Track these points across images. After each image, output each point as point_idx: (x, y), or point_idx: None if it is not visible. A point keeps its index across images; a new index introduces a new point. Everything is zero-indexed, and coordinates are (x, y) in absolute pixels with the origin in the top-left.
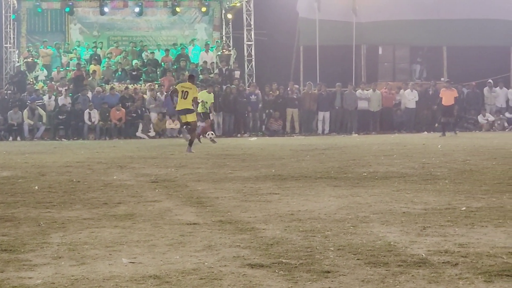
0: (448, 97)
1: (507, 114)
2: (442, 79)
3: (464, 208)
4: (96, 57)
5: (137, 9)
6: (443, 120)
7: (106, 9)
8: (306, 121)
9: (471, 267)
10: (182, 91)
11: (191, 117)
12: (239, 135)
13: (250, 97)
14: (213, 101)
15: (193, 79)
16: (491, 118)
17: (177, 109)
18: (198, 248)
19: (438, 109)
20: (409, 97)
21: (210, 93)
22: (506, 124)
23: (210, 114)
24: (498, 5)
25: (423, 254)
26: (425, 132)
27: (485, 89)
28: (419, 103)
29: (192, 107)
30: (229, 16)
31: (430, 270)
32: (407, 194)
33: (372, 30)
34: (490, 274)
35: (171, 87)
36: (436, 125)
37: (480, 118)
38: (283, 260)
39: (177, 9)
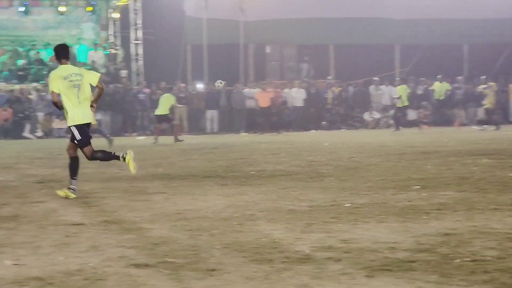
0: (263, 98)
1: (392, 112)
2: (328, 77)
3: (348, 204)
4: None
5: (22, 8)
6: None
7: None
8: (195, 120)
9: (354, 262)
10: None
11: None
12: (127, 134)
13: (139, 96)
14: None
15: None
16: (377, 115)
17: None
18: (83, 248)
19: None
20: (297, 96)
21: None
22: (391, 122)
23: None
24: (382, 3)
25: (307, 251)
26: (313, 130)
27: (371, 87)
28: (306, 101)
29: None
30: (115, 15)
31: (313, 266)
32: (293, 192)
33: (259, 29)
34: (371, 269)
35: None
36: (323, 122)
37: (366, 115)
38: (169, 260)
39: (60, 8)
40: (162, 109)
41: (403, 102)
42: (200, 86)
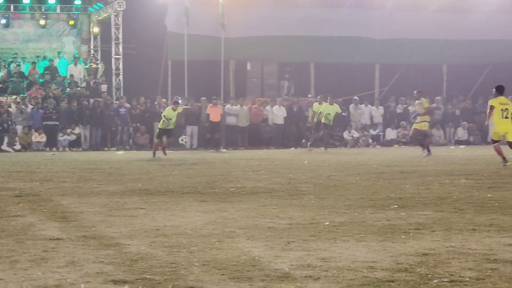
0: (214, 113)
1: (372, 131)
2: (309, 95)
3: (327, 223)
4: None
5: (3, 21)
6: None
7: None
8: (174, 135)
9: (332, 281)
10: None
11: None
12: (106, 148)
13: (119, 110)
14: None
15: None
16: (356, 134)
17: None
18: (61, 264)
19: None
20: (277, 113)
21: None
22: (370, 141)
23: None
24: (363, 23)
25: (286, 269)
26: (293, 148)
27: (351, 106)
28: (287, 119)
29: None
30: (96, 30)
31: (292, 284)
32: (273, 209)
33: (240, 46)
34: None
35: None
36: (303, 140)
37: (345, 134)
38: (147, 276)
39: (41, 21)
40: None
41: (329, 121)
42: (180, 102)
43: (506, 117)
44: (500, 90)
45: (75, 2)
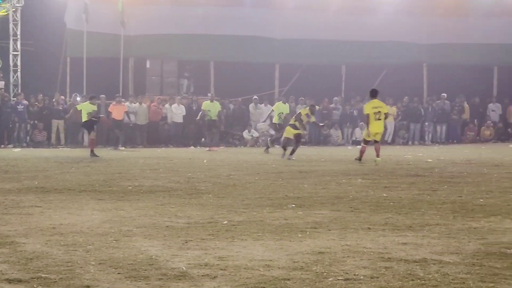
0: (117, 111)
1: (271, 131)
2: (209, 94)
3: (225, 222)
4: None
5: None
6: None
7: None
8: (73, 132)
9: (229, 279)
10: None
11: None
12: (2, 146)
13: (17, 107)
14: None
15: None
16: (256, 134)
17: None
18: None
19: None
20: (176, 112)
21: None
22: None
23: None
24: (263, 22)
25: (184, 268)
26: (192, 147)
27: (251, 106)
28: (186, 117)
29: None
30: None
31: (189, 283)
32: (171, 208)
33: (140, 44)
34: (247, 287)
35: None
36: (203, 139)
37: (245, 134)
38: (43, 275)
39: None
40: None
41: (282, 120)
42: (78, 99)
43: (379, 119)
44: (373, 94)
45: None
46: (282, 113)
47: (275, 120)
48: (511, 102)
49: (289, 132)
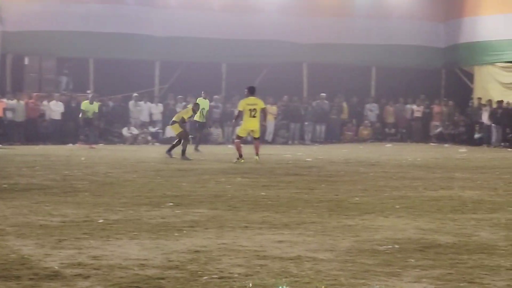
0: None
1: (151, 128)
2: (88, 91)
3: (101, 220)
4: None
5: None
6: None
7: None
8: None
9: (103, 279)
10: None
11: None
12: None
13: None
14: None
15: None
16: (135, 131)
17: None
18: None
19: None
20: (55, 109)
21: None
22: (149, 138)
23: None
24: (144, 20)
25: (56, 267)
26: (70, 144)
27: (130, 103)
28: (64, 114)
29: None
30: None
31: (62, 283)
32: (46, 207)
33: (18, 40)
34: (120, 286)
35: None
36: (81, 137)
37: (124, 131)
38: None
39: None
40: None
41: (204, 117)
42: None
43: (254, 116)
44: (251, 91)
45: None
46: (204, 109)
47: (197, 117)
48: (388, 102)
49: (177, 130)
